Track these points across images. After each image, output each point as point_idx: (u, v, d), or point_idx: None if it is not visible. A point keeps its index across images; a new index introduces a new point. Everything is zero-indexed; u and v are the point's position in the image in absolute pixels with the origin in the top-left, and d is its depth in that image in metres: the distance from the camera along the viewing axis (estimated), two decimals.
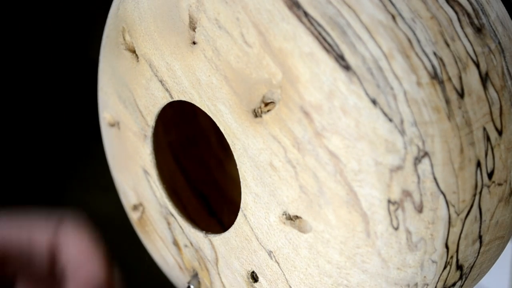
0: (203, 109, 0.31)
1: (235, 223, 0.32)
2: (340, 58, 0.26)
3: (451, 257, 0.28)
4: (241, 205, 0.31)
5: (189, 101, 0.31)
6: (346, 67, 0.26)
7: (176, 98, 0.32)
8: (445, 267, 0.28)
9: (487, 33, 0.29)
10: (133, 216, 0.39)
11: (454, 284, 0.30)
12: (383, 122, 0.26)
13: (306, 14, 0.27)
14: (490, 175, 0.28)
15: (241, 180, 0.30)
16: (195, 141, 0.43)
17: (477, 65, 0.28)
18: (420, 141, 0.26)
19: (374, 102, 0.26)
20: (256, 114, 0.29)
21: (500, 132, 0.28)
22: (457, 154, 0.27)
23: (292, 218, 0.29)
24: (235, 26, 0.28)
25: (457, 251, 0.29)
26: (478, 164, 0.28)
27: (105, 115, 0.38)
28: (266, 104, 0.28)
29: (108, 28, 0.36)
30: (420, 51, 0.27)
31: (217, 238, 0.33)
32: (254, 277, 0.32)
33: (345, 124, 0.26)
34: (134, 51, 0.34)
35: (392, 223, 0.27)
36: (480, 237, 0.29)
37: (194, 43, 0.30)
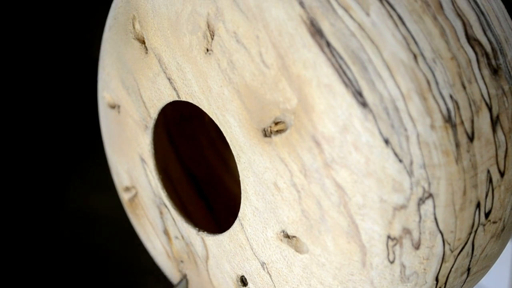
0: (211, 116, 0.31)
1: (230, 229, 0.32)
2: (358, 94, 0.26)
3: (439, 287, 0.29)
4: (239, 214, 0.31)
5: (196, 105, 0.31)
6: (363, 104, 0.26)
7: (183, 99, 0.32)
8: None
9: (502, 74, 0.29)
10: (124, 197, 0.39)
11: None
12: (393, 162, 0.26)
13: (328, 44, 0.26)
14: (487, 215, 0.29)
15: (242, 191, 0.31)
16: (189, 119, 0.43)
17: (490, 108, 0.28)
18: (426, 183, 0.27)
19: (386, 141, 0.26)
20: (266, 133, 0.29)
21: (502, 174, 0.29)
22: (459, 196, 0.27)
23: (289, 237, 0.30)
24: (254, 44, 0.28)
25: (445, 282, 0.29)
26: (478, 205, 0.28)
27: (105, 95, 0.37)
28: (277, 123, 0.28)
29: (116, 9, 0.35)
30: (437, 94, 0.27)
31: (210, 238, 0.34)
32: (243, 281, 0.33)
33: (355, 160, 0.26)
34: (143, 42, 0.33)
35: (388, 256, 0.28)
36: (468, 269, 0.30)
37: (208, 50, 0.30)
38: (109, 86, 0.36)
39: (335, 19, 0.27)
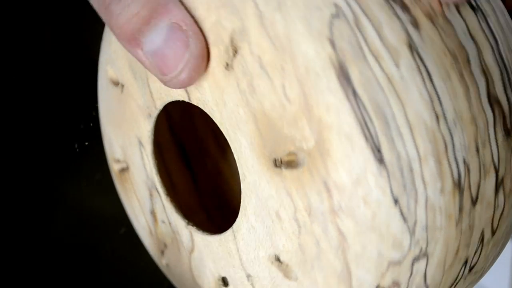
0: (221, 129, 0.30)
1: (222, 235, 0.32)
2: (376, 150, 0.26)
3: None
4: (234, 226, 0.31)
5: (208, 113, 0.31)
6: (380, 160, 0.26)
7: (194, 103, 0.31)
8: None
9: None
10: (114, 167, 0.39)
11: None
12: (398, 221, 0.27)
13: (355, 92, 0.26)
14: (471, 268, 0.30)
15: (241, 206, 0.31)
16: (192, 112, 0.42)
17: (497, 171, 0.28)
18: (425, 243, 0.27)
19: (396, 201, 0.26)
20: (276, 163, 0.28)
21: (494, 233, 0.30)
22: (452, 255, 0.28)
23: (281, 262, 0.30)
24: (278, 75, 0.27)
25: None
26: (466, 262, 0.29)
27: (108, 69, 0.36)
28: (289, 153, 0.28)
29: None
30: (452, 158, 0.27)
31: (199, 235, 0.34)
32: (225, 282, 0.34)
33: (363, 213, 0.27)
34: None
35: None
36: None
37: (229, 65, 0.29)
38: (114, 63, 0.35)
39: (365, 67, 0.26)
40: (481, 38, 0.28)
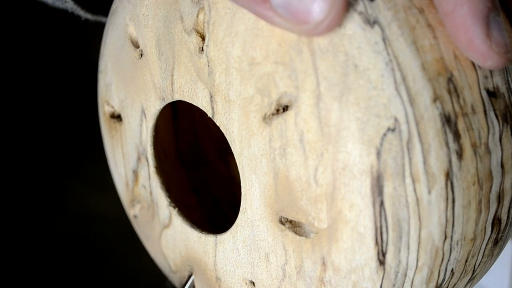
0: (237, 162, 0.30)
1: (203, 235, 0.33)
2: (381, 254, 0.28)
3: None
4: (219, 237, 0.33)
5: (228, 141, 0.30)
6: (381, 262, 0.28)
7: (216, 122, 0.30)
8: None
9: (500, 244, 0.31)
10: (105, 108, 0.37)
11: None
12: None
13: (382, 204, 0.27)
14: None
15: (233, 227, 0.32)
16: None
17: (473, 272, 0.31)
18: None
19: None
20: (282, 221, 0.29)
21: None
22: None
23: (254, 286, 0.32)
24: (315, 157, 0.27)
25: None
26: None
27: (129, 25, 0.34)
28: None
29: None
30: (443, 268, 0.29)
31: (179, 219, 0.35)
32: (190, 267, 0.35)
33: None
34: (203, 38, 0.30)
35: None
36: None
37: (267, 117, 0.28)
38: (140, 27, 0.33)
39: (400, 186, 0.27)
40: (508, 166, 0.29)
